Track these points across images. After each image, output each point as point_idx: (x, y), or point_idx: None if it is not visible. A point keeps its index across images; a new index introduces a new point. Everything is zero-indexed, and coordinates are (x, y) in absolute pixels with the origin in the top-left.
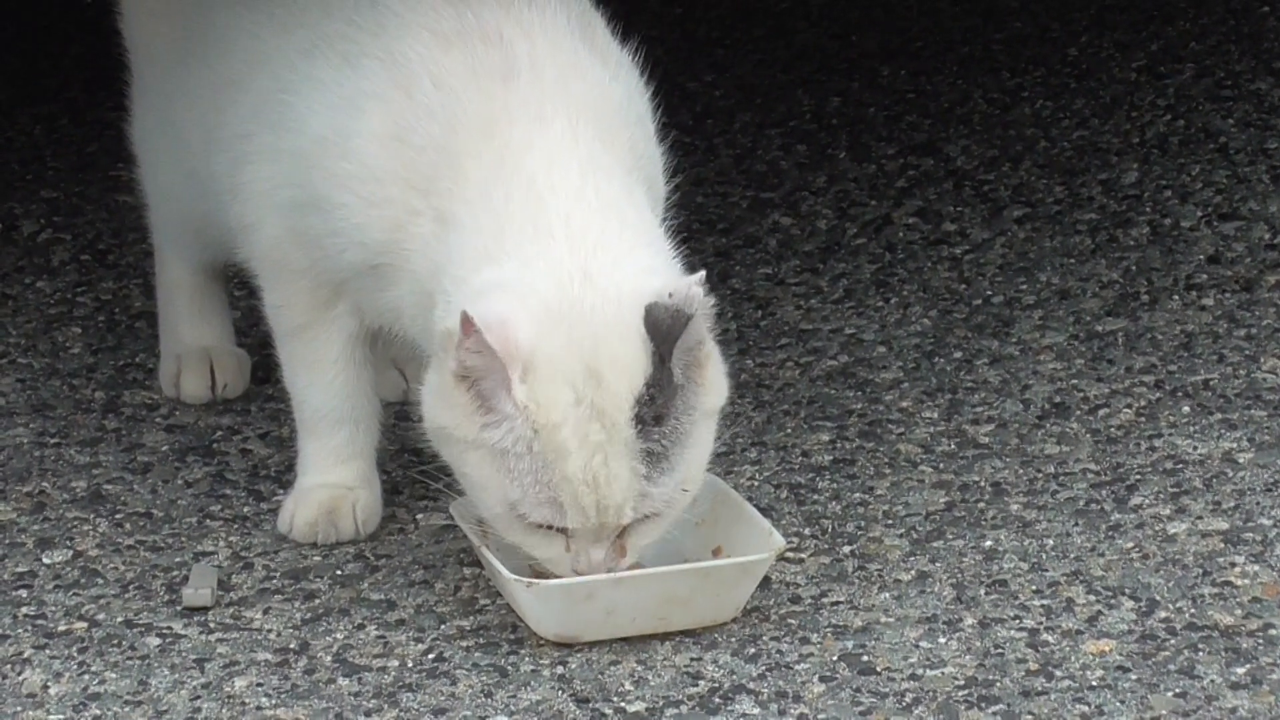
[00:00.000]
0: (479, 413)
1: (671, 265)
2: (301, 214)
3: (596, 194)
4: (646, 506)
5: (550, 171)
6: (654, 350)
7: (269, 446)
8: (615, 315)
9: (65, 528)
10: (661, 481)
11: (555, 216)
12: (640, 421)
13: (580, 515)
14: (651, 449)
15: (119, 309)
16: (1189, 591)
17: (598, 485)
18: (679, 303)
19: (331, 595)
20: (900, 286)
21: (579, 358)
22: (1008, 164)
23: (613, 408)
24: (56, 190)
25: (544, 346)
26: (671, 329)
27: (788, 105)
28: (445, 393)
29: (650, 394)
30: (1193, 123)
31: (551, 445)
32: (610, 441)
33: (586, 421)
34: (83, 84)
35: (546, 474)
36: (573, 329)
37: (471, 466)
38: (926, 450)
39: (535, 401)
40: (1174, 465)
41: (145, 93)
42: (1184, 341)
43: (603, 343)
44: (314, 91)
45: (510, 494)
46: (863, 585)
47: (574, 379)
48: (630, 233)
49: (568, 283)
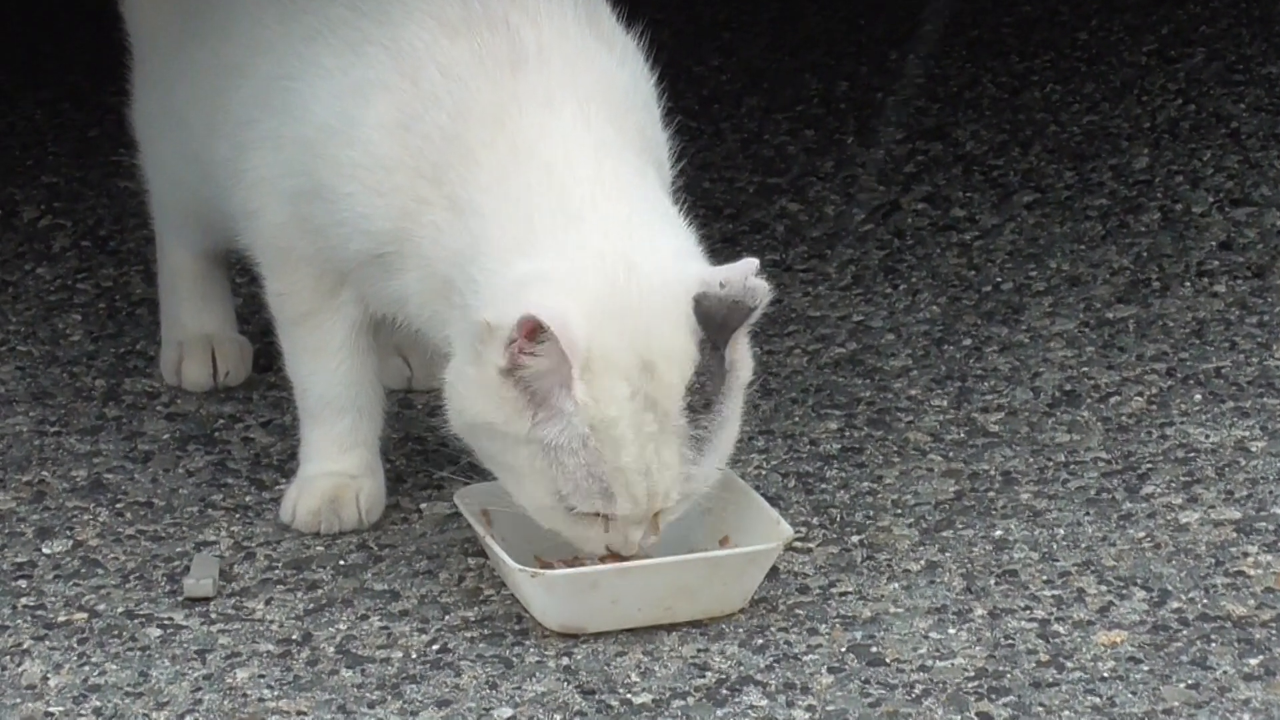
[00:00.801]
0: (530, 408)
1: (698, 246)
2: (306, 202)
3: (615, 179)
4: (689, 488)
5: (568, 158)
6: (704, 339)
7: (271, 435)
8: (664, 305)
9: (65, 517)
10: (704, 463)
11: (582, 203)
12: (691, 410)
13: (630, 503)
14: (698, 435)
15: (120, 296)
16: (1201, 582)
17: (650, 474)
18: (738, 294)
19: (334, 585)
20: (909, 273)
21: (633, 351)
22: (1017, 149)
23: (665, 399)
24: (57, 176)
25: (600, 342)
26: (728, 320)
27: (795, 89)
28: (489, 388)
29: (700, 382)
30: (1204, 107)
31: (608, 440)
32: (663, 431)
33: (641, 413)
34: (84, 68)
35: (600, 467)
36: (625, 322)
37: (520, 460)
38: (936, 439)
39: (593, 399)
40: (1186, 454)
41: (147, 77)
42: (1196, 328)
43: (655, 335)
44: (318, 78)
45: (561, 487)
46: (871, 575)
47: (629, 373)
48: (656, 217)
49: (614, 273)
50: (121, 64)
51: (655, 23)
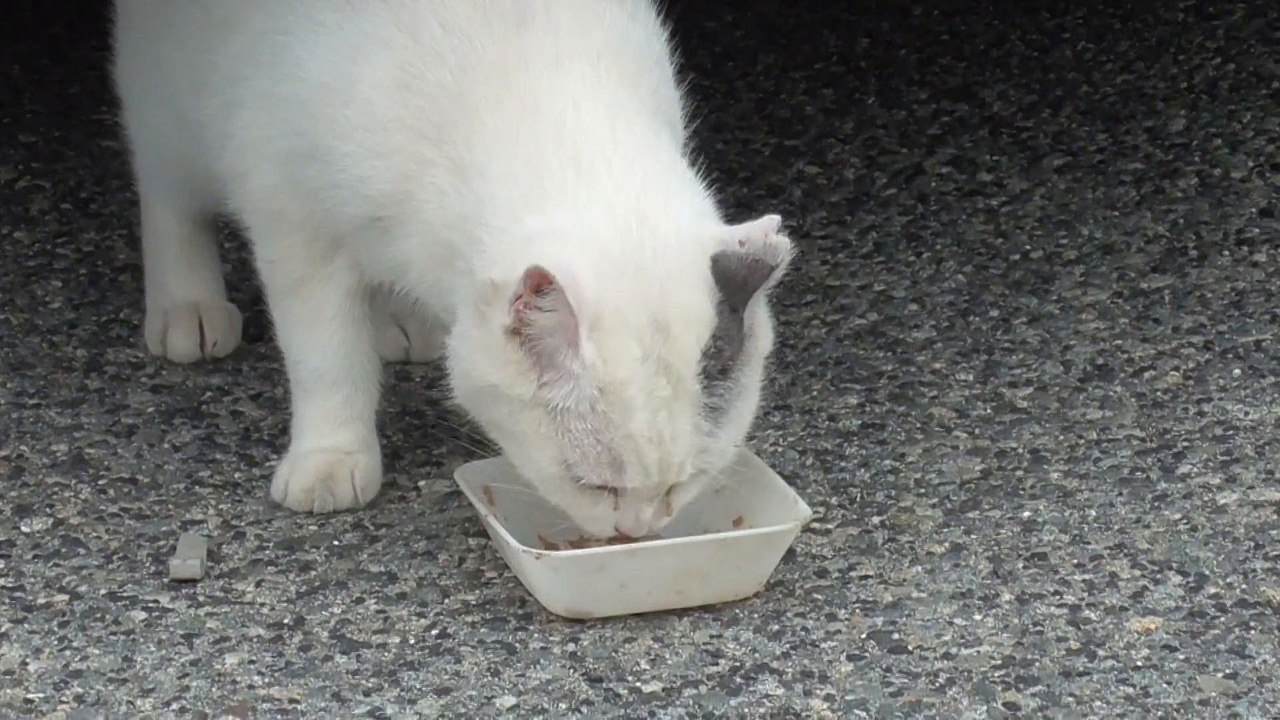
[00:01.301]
0: (535, 369)
1: (713, 207)
2: (299, 164)
3: (628, 138)
4: (703, 462)
5: (579, 116)
6: (721, 300)
7: (262, 408)
8: (679, 262)
9: (45, 494)
10: (720, 436)
11: (595, 160)
12: (706, 375)
13: (641, 474)
14: (714, 403)
15: (102, 261)
16: (1240, 566)
17: (662, 442)
18: (758, 252)
19: (328, 567)
20: (933, 240)
21: (645, 309)
22: (1047, 110)
23: (679, 362)
24: (35, 135)
25: (610, 299)
26: (748, 280)
27: (813, 46)
28: (493, 349)
29: (717, 346)
30: (1244, 66)
31: (617, 403)
32: (676, 397)
33: (653, 377)
34: (64, 20)
35: (609, 433)
36: (638, 278)
37: (526, 426)
38: (961, 415)
39: (603, 359)
40: (1224, 431)
41: (131, 31)
42: (1234, 300)
43: (669, 293)
44: (313, 34)
45: (568, 455)
46: (893, 558)
47: (641, 333)
48: (671, 175)
49: (625, 228)
50: (104, 16)
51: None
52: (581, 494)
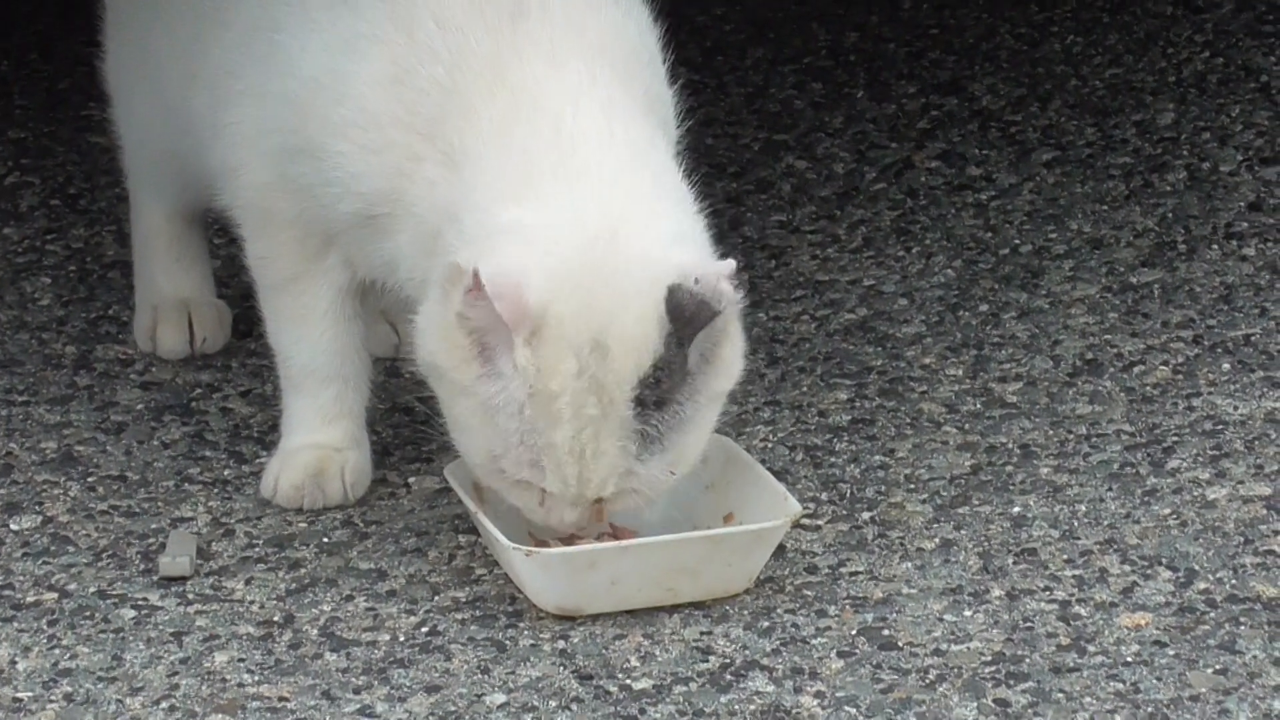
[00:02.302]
0: (477, 361)
1: (699, 229)
2: (292, 161)
3: (625, 139)
4: (629, 484)
5: (575, 115)
6: (670, 332)
7: (251, 405)
8: (635, 288)
9: (34, 491)
10: (650, 463)
11: (587, 163)
12: (640, 404)
13: (559, 483)
14: (646, 431)
15: (91, 258)
16: (1230, 561)
17: (583, 458)
18: (705, 294)
19: (318, 564)
20: (922, 235)
21: (589, 327)
22: (1036, 104)
23: (613, 385)
24: (24, 130)
25: (555, 310)
26: (695, 318)
27: (802, 40)
28: (446, 331)
29: (656, 377)
30: (1232, 60)
31: (544, 413)
32: (604, 418)
33: (584, 394)
34: (53, 15)
35: (533, 438)
36: (589, 296)
37: (460, 411)
38: (951, 410)
39: (536, 366)
40: (1213, 426)
41: (120, 26)
42: (1224, 294)
43: (617, 316)
44: (306, 30)
45: (494, 447)
46: (883, 554)
47: (580, 348)
48: (660, 186)
49: (592, 243)
50: (92, 11)
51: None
52: (512, 485)
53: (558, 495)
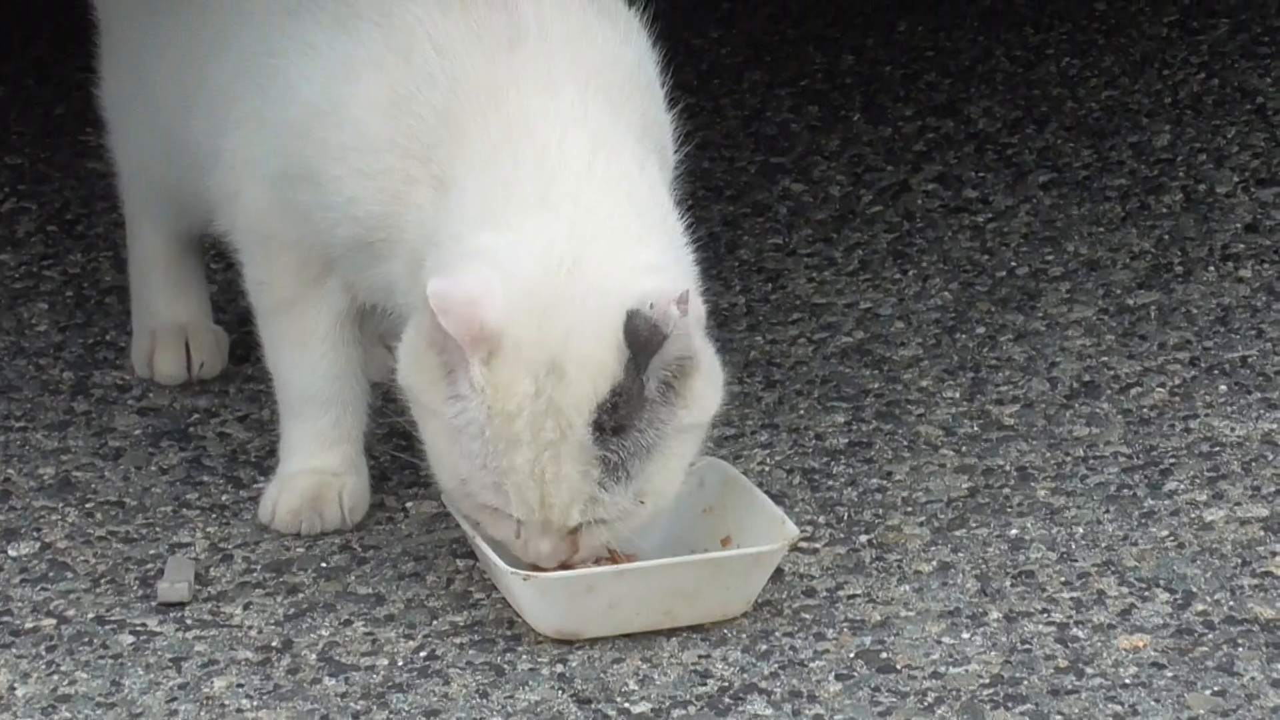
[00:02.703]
0: (444, 383)
1: (680, 258)
2: (290, 185)
3: (607, 169)
4: (596, 512)
5: (563, 142)
6: (629, 358)
7: (249, 430)
8: (594, 312)
9: (32, 517)
10: (615, 491)
11: (564, 191)
12: (598, 428)
13: (524, 508)
14: (607, 457)
15: (88, 283)
16: (1228, 583)
17: (543, 482)
18: (656, 318)
19: (316, 589)
20: (919, 257)
21: (546, 350)
22: (1032, 126)
23: (570, 408)
24: (21, 156)
25: (512, 330)
26: (649, 342)
27: (799, 63)
28: (418, 354)
29: (614, 401)
30: (1228, 81)
31: (503, 434)
32: (563, 441)
33: (541, 416)
34: (48, 42)
35: (495, 460)
36: (547, 318)
37: (430, 434)
38: (948, 432)
39: (493, 386)
40: (1211, 448)
41: (116, 51)
42: (1220, 315)
43: (574, 339)
44: (304, 56)
45: (461, 470)
46: (881, 577)
47: (537, 370)
48: (641, 218)
49: (556, 267)
50: (88, 36)
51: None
52: (484, 511)
53: (526, 522)
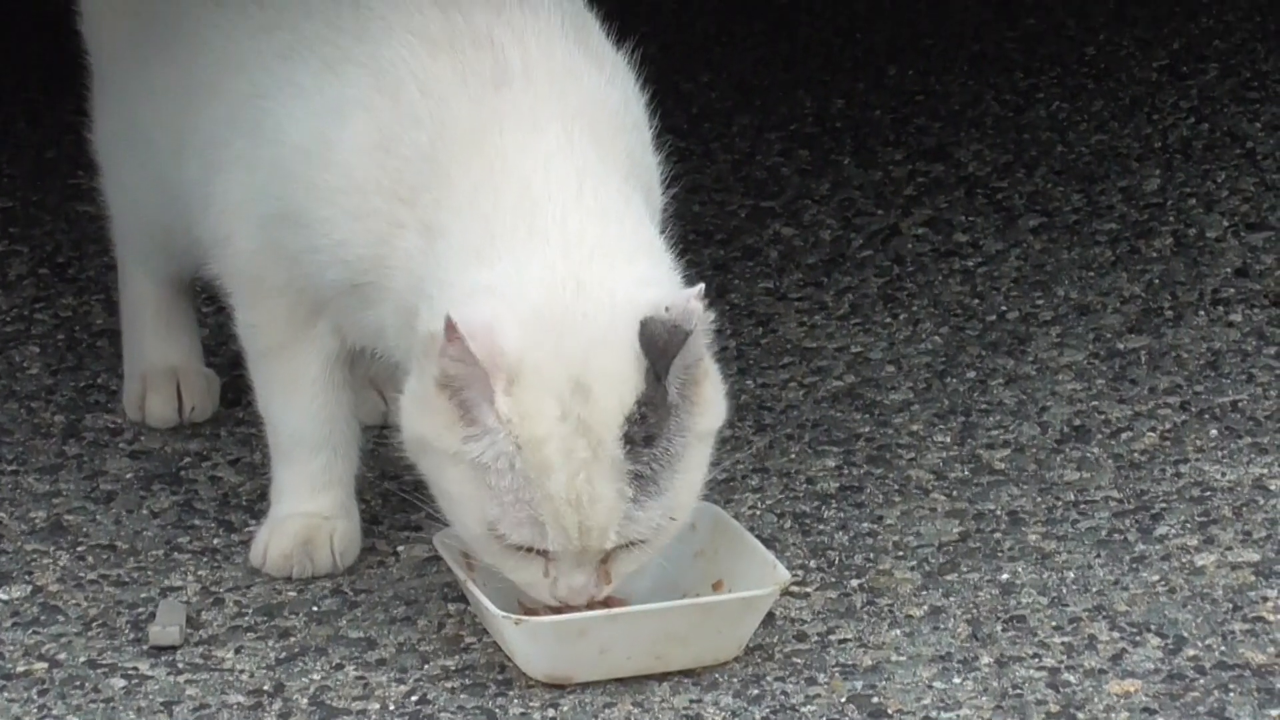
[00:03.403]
0: (461, 424)
1: (671, 277)
2: (280, 228)
3: (595, 199)
4: (631, 531)
5: (546, 176)
6: (648, 367)
7: (240, 474)
8: (608, 326)
9: (23, 561)
10: (649, 506)
11: (550, 220)
12: (629, 441)
13: (562, 536)
14: (640, 471)
15: (80, 326)
16: (1219, 628)
17: (581, 505)
18: (676, 318)
19: (307, 633)
20: (909, 301)
21: (567, 369)
22: (1022, 170)
23: (600, 424)
24: (12, 199)
25: (530, 355)
26: (669, 345)
27: (789, 107)
28: (426, 401)
29: (641, 412)
30: (1218, 126)
31: (534, 461)
32: (596, 460)
33: (572, 437)
34: (39, 84)
35: (528, 492)
36: (562, 338)
37: (451, 481)
38: (938, 477)
39: (519, 414)
40: (1201, 492)
41: (108, 95)
42: (1211, 360)
43: (593, 355)
44: (293, 98)
45: (489, 512)
46: (872, 621)
47: (560, 391)
48: (629, 241)
49: (559, 289)
50: (79, 79)
51: (641, 36)
52: (511, 555)
53: (562, 554)
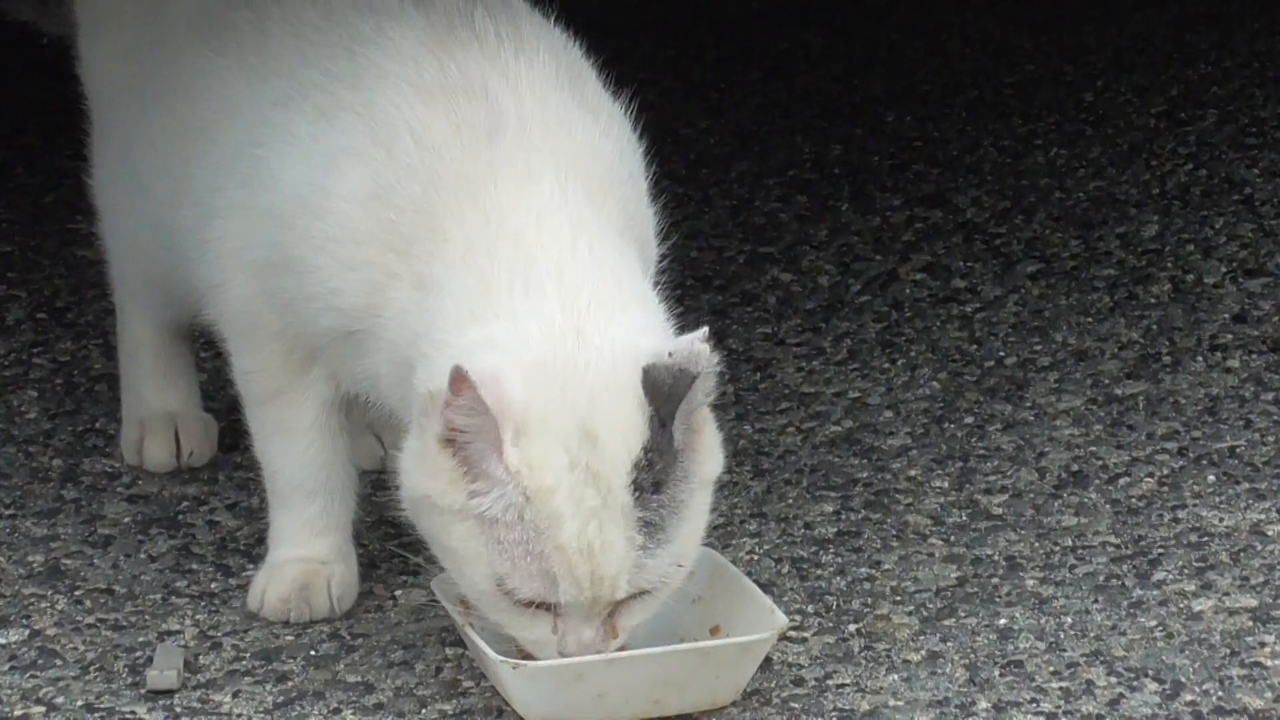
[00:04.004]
0: (466, 479)
1: (665, 326)
2: (275, 276)
3: (589, 251)
4: (641, 580)
5: (539, 229)
6: (653, 413)
7: (238, 518)
8: (611, 374)
9: (21, 605)
10: (658, 554)
11: (546, 273)
12: (638, 488)
13: (574, 588)
14: (649, 518)
15: (78, 371)
16: (1216, 673)
17: (592, 555)
18: (682, 361)
19: (305, 677)
20: (907, 347)
21: (574, 418)
22: (1020, 216)
23: (609, 472)
24: (11, 244)
25: (536, 405)
26: (674, 390)
27: (787, 153)
28: (429, 459)
29: (649, 459)
30: (1216, 172)
31: (544, 512)
32: (605, 508)
33: (581, 486)
34: (38, 130)
35: (539, 544)
36: (567, 387)
37: (457, 539)
38: (936, 522)
39: (528, 465)
40: (1199, 538)
41: (106, 140)
42: (1209, 405)
43: (598, 402)
44: (288, 146)
45: (499, 567)
46: (870, 666)
47: (568, 440)
48: (624, 292)
49: (561, 340)
50: (77, 125)
51: (640, 83)
52: (519, 612)
53: (571, 608)
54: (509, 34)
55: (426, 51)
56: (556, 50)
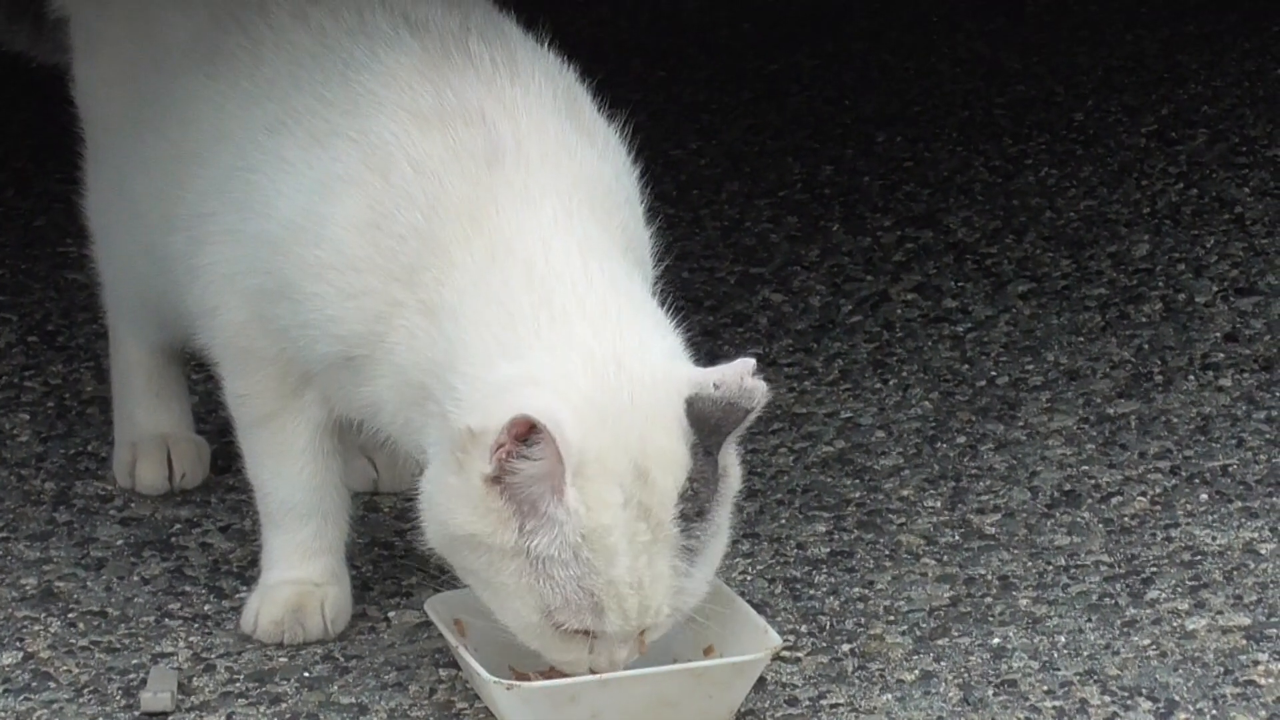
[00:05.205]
0: (516, 518)
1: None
2: (269, 301)
3: (602, 276)
4: (681, 603)
5: (548, 256)
6: (695, 442)
7: (231, 540)
8: (656, 407)
9: (15, 628)
10: (696, 576)
11: (567, 302)
12: (684, 518)
13: (620, 619)
14: (691, 545)
15: (70, 394)
16: (1210, 691)
17: (641, 587)
18: (733, 396)
19: (299, 699)
20: (899, 367)
21: (627, 454)
22: (1011, 236)
23: (659, 506)
24: (2, 267)
25: (593, 445)
26: (722, 423)
27: (778, 174)
28: (473, 498)
29: (694, 489)
30: (1207, 191)
31: (600, 550)
32: (655, 541)
33: (634, 522)
34: (30, 153)
35: (591, 580)
36: (618, 424)
37: (506, 575)
38: (929, 541)
39: (585, 505)
40: (1192, 556)
41: (100, 164)
42: (1201, 425)
43: (648, 438)
44: (281, 172)
45: (550, 602)
46: (863, 686)
47: (622, 478)
48: (644, 315)
49: (603, 373)
50: (69, 149)
51: (631, 105)
52: (559, 639)
53: (612, 633)
54: (504, 59)
55: (422, 77)
56: (552, 75)
